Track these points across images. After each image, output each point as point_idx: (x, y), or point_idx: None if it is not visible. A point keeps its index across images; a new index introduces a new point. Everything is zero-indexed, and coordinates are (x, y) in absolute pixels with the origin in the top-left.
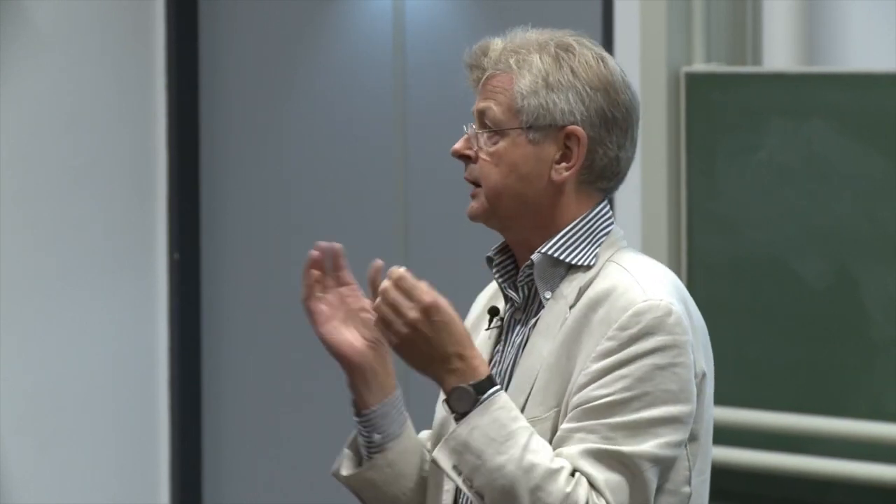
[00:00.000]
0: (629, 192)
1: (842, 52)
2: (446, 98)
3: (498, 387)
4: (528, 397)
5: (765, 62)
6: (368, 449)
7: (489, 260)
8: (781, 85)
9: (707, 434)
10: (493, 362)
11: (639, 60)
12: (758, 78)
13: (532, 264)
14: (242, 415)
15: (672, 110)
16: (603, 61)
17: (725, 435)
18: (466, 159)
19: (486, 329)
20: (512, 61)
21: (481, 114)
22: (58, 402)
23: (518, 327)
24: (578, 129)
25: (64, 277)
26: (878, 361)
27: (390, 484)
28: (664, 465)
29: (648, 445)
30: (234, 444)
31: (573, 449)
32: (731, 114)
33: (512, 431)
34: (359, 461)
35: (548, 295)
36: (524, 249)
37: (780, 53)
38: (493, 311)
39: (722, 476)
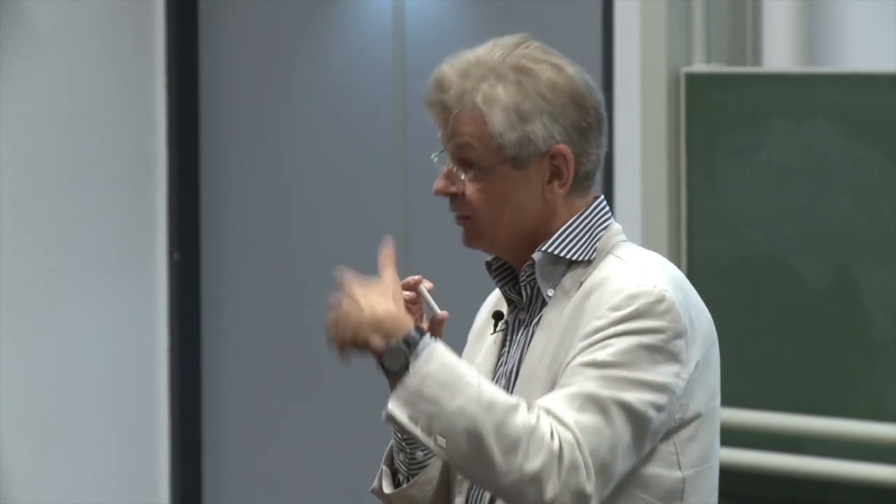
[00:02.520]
0: (629, 192)
1: (842, 53)
2: None
3: (427, 335)
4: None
5: (765, 62)
6: (410, 466)
7: (488, 265)
8: (781, 85)
9: (706, 422)
10: (499, 363)
11: (639, 60)
12: (758, 78)
13: (533, 263)
14: (242, 415)
15: (672, 110)
16: (562, 70)
17: (725, 435)
18: (452, 196)
19: (492, 333)
20: (478, 100)
21: (459, 150)
22: (57, 402)
23: (522, 328)
24: (562, 147)
25: (64, 277)
26: (878, 361)
27: (427, 499)
28: (639, 422)
29: (624, 394)
30: (234, 444)
31: (545, 399)
32: (731, 114)
33: (461, 374)
34: (394, 477)
35: (550, 292)
36: (522, 261)
37: (780, 54)
38: (498, 316)
39: (722, 476)
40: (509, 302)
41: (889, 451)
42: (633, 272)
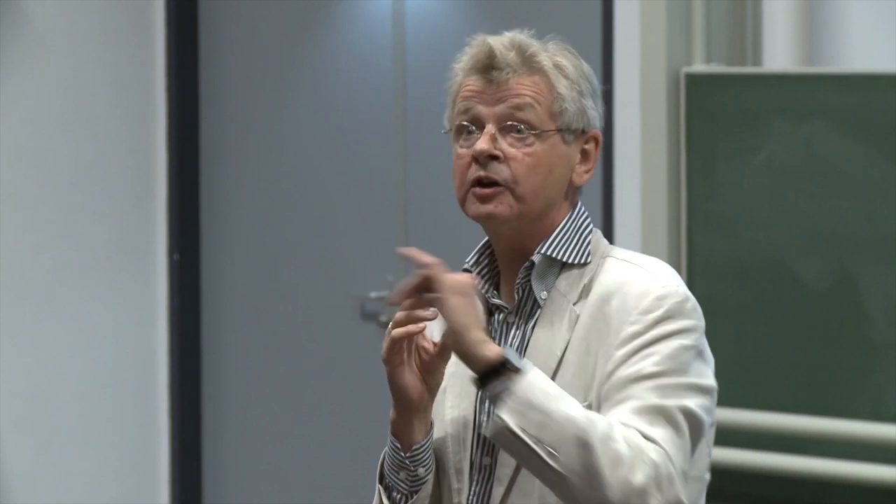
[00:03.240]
0: (629, 192)
1: (842, 53)
2: (446, 98)
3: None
4: None
5: (765, 63)
6: (412, 484)
7: (466, 272)
8: (781, 85)
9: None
10: None
11: (639, 61)
12: (758, 79)
13: (532, 265)
14: (242, 415)
15: (672, 111)
16: (592, 71)
17: (725, 436)
18: (493, 159)
19: None
20: (546, 64)
21: (516, 110)
22: (58, 402)
23: (513, 330)
24: (599, 132)
25: (64, 278)
26: (878, 362)
27: None
28: (697, 428)
29: (684, 400)
30: (234, 444)
31: (614, 415)
32: (730, 114)
33: (561, 390)
34: (389, 495)
35: (544, 294)
36: (516, 253)
37: (780, 54)
38: None
39: (722, 477)
40: (489, 309)
41: (889, 452)
42: (650, 274)
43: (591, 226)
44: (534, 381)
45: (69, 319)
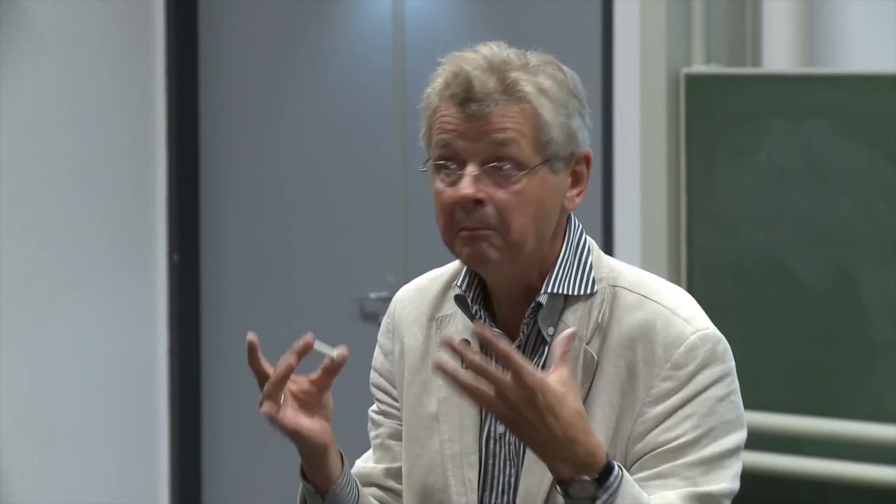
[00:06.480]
0: (629, 192)
1: (841, 54)
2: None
3: (618, 470)
4: None
5: (764, 63)
6: None
7: (460, 299)
8: (781, 86)
9: None
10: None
11: (639, 61)
12: (757, 79)
13: (539, 306)
14: (242, 415)
15: (672, 111)
16: (575, 75)
17: None
18: (478, 203)
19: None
20: (529, 88)
21: (498, 147)
22: (58, 402)
23: None
24: (590, 150)
25: (64, 278)
26: (877, 362)
27: None
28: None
29: (726, 482)
30: (234, 444)
31: (667, 496)
32: (730, 115)
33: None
34: None
35: (550, 331)
36: (515, 286)
37: (779, 55)
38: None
39: None
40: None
41: (889, 452)
42: (675, 316)
43: (587, 245)
44: (628, 485)
45: (69, 319)
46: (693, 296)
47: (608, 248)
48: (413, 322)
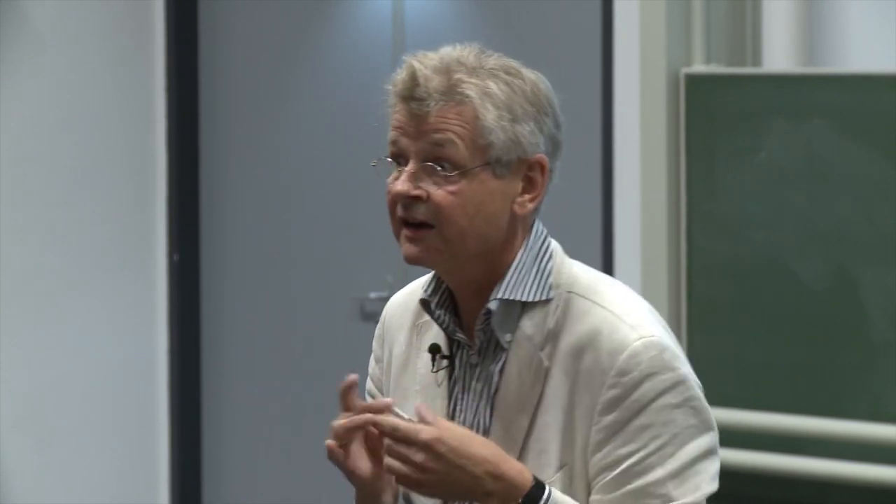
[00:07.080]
0: (629, 193)
1: (841, 53)
2: None
3: (548, 489)
4: (521, 452)
5: (764, 63)
6: None
7: (426, 303)
8: (781, 86)
9: None
10: (456, 410)
11: (639, 61)
12: (757, 79)
13: (489, 312)
14: (242, 415)
15: (672, 111)
16: (542, 81)
17: (724, 436)
18: (416, 199)
19: (434, 371)
20: (471, 92)
21: (436, 147)
22: (58, 402)
23: (477, 370)
24: (543, 157)
25: (64, 278)
26: (877, 362)
27: None
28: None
29: (703, 487)
30: (234, 445)
31: None
32: (730, 115)
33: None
34: None
35: (508, 337)
36: (470, 290)
37: (779, 54)
38: (434, 349)
39: (721, 478)
40: (450, 340)
41: (889, 452)
42: (620, 322)
43: (549, 251)
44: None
45: (69, 319)
46: (693, 296)
47: (608, 250)
48: (399, 329)
